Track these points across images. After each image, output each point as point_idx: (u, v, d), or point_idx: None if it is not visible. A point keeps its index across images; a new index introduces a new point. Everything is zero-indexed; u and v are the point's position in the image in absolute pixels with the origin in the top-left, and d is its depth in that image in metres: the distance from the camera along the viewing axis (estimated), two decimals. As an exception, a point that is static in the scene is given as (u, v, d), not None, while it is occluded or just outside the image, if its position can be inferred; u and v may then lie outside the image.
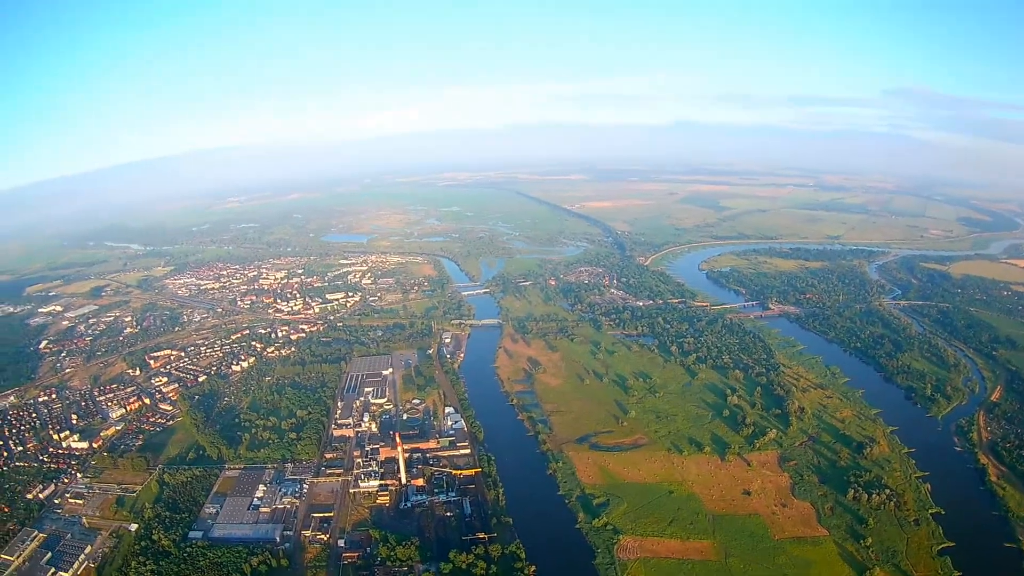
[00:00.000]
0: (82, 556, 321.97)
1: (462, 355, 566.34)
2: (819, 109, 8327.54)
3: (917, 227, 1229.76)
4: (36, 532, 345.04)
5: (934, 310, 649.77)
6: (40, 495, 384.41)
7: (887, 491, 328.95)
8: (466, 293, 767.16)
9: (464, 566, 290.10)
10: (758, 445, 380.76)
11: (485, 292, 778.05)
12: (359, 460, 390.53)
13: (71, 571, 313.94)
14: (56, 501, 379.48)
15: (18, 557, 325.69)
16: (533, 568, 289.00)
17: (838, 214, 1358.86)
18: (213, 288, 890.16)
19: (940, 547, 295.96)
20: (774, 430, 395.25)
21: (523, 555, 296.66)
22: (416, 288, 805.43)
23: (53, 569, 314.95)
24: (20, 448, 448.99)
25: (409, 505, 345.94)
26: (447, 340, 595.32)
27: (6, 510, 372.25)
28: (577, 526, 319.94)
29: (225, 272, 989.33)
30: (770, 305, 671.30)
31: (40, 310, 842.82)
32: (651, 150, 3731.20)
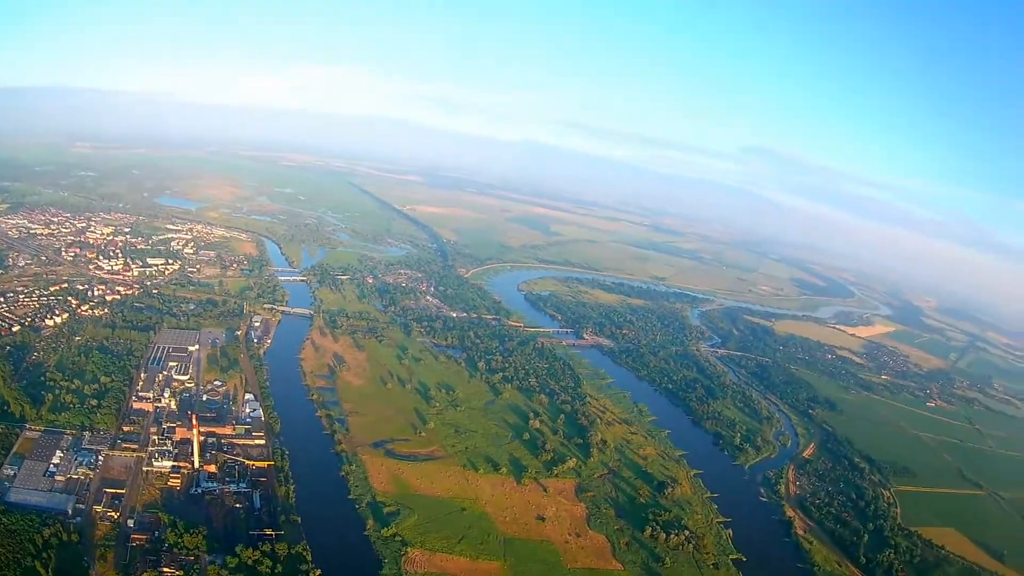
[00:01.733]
0: None
1: (269, 341, 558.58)
2: (678, 154, 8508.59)
3: (747, 280, 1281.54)
4: None
5: (752, 363, 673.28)
6: None
7: (686, 532, 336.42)
8: (283, 278, 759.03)
9: (250, 562, 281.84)
10: (556, 472, 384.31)
11: (302, 280, 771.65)
12: (155, 437, 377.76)
13: None
14: None
15: None
16: (319, 573, 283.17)
17: (668, 256, 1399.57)
18: (42, 234, 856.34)
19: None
20: (574, 459, 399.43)
21: (309, 557, 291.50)
22: (235, 265, 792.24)
23: None
24: None
25: (200, 491, 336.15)
26: (257, 324, 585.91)
27: None
28: (366, 533, 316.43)
29: (56, 219, 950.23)
30: (584, 335, 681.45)
31: None
32: (495, 165, 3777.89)
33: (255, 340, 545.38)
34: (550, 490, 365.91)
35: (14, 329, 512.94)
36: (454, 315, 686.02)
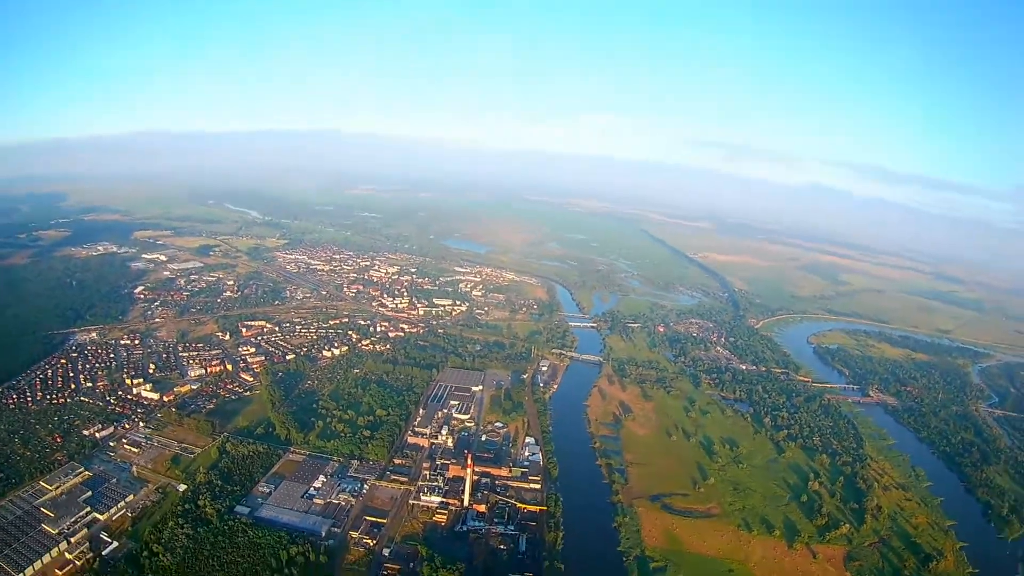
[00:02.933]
0: (122, 503, 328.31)
1: (555, 386, 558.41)
2: (950, 195, 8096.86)
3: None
4: (82, 469, 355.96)
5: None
6: (97, 434, 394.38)
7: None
8: (573, 324, 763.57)
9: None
10: (828, 538, 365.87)
11: (592, 326, 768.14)
12: (426, 472, 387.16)
13: (106, 515, 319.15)
14: (111, 444, 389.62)
15: (57, 488, 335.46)
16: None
17: (951, 307, 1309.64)
18: (322, 270, 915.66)
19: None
20: (847, 525, 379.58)
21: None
22: (524, 309, 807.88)
23: (88, 508, 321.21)
24: (89, 384, 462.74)
25: (465, 529, 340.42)
26: (544, 368, 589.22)
27: (59, 440, 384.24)
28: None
29: (338, 256, 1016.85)
30: (870, 392, 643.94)
31: (144, 255, 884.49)
32: (782, 210, 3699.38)
33: (541, 384, 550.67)
34: (819, 556, 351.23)
35: (288, 357, 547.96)
36: (743, 367, 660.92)
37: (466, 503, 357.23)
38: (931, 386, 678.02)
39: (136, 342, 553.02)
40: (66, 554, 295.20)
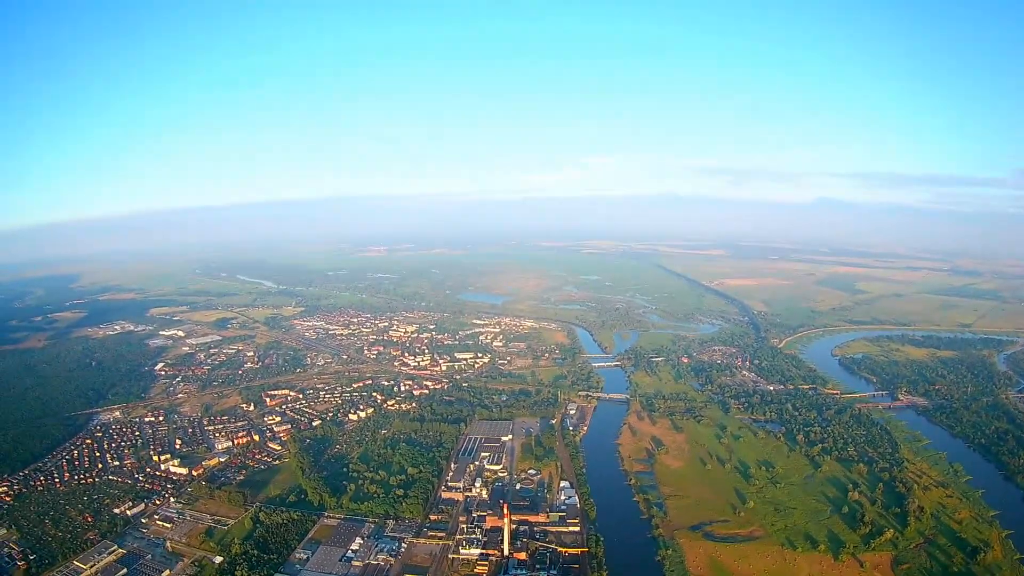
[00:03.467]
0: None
1: (585, 428, 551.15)
2: (952, 189, 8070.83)
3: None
4: (116, 547, 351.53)
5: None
6: (128, 511, 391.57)
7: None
8: (597, 364, 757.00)
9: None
10: (873, 545, 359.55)
11: (616, 365, 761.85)
12: (464, 525, 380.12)
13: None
14: (143, 521, 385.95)
15: (91, 567, 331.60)
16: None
17: (970, 300, 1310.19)
18: (341, 334, 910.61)
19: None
20: (891, 530, 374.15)
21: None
22: (547, 355, 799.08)
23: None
24: (116, 463, 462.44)
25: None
26: (572, 411, 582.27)
27: (89, 519, 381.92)
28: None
29: (356, 320, 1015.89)
30: (899, 396, 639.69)
31: (162, 332, 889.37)
32: (793, 228, 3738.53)
33: (571, 428, 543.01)
34: (867, 565, 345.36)
35: (314, 423, 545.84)
36: (771, 388, 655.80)
37: (506, 552, 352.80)
38: (959, 381, 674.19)
39: (160, 418, 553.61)
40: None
